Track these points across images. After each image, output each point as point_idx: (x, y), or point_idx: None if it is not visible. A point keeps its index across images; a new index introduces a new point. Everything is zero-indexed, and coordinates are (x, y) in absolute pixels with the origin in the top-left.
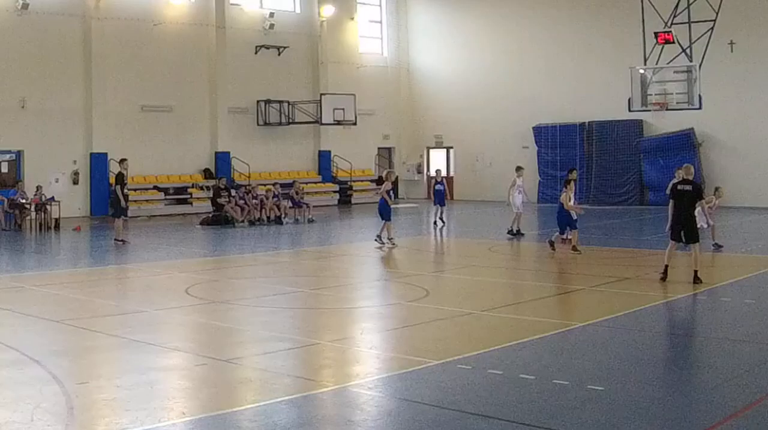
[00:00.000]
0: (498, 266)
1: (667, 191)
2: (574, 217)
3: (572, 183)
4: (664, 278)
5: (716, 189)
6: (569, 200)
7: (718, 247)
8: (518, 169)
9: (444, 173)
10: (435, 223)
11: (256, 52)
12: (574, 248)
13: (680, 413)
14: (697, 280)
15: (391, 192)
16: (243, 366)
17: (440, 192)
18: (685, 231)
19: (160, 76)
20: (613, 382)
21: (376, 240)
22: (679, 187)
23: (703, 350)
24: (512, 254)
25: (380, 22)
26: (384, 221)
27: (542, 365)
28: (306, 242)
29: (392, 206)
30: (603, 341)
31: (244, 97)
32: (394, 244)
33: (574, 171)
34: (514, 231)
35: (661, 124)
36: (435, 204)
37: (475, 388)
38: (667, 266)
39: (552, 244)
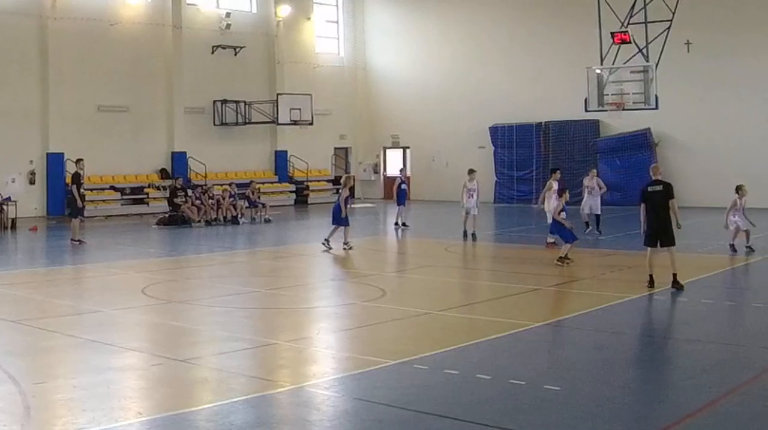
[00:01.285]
0: (454, 266)
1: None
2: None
3: (566, 192)
4: (651, 287)
5: (738, 188)
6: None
7: (750, 250)
8: (470, 172)
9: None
10: (397, 224)
11: (212, 52)
12: (561, 259)
13: (637, 413)
14: (677, 284)
15: (349, 198)
16: (199, 366)
17: (404, 192)
18: (661, 235)
19: (116, 76)
20: (569, 382)
21: (323, 244)
22: (649, 188)
23: (659, 350)
24: (469, 254)
25: (337, 22)
26: (335, 226)
27: (499, 365)
28: (262, 242)
29: (348, 210)
30: (559, 341)
31: (201, 97)
32: (350, 247)
33: (557, 171)
34: (467, 233)
35: (618, 124)
36: (399, 204)
37: (431, 388)
38: (651, 275)
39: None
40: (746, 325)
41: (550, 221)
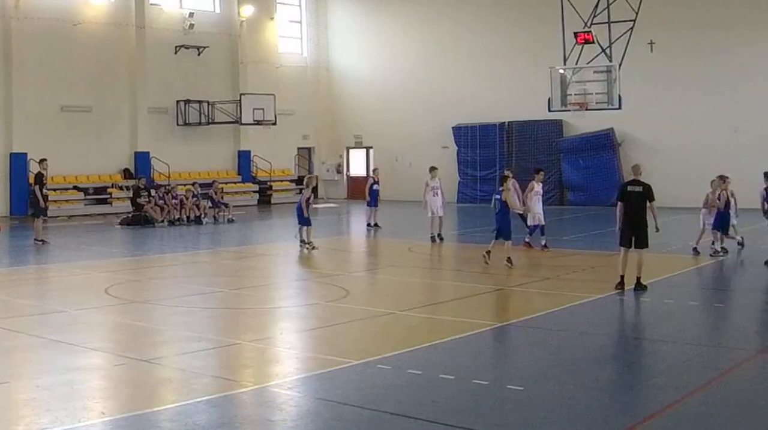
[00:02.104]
0: (418, 266)
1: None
2: (534, 222)
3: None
4: (621, 290)
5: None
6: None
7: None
8: (432, 169)
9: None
10: (369, 224)
11: (175, 52)
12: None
13: (600, 413)
14: (640, 285)
15: (311, 198)
16: (163, 366)
17: (376, 193)
18: (636, 236)
19: (80, 76)
20: (532, 382)
21: (301, 245)
22: (628, 188)
23: (623, 350)
24: (432, 254)
25: (300, 22)
26: (302, 226)
27: (462, 365)
28: (225, 242)
29: (310, 211)
30: (522, 341)
31: (164, 97)
32: (313, 247)
33: (541, 172)
34: (434, 236)
35: (581, 124)
36: (370, 206)
37: (394, 388)
38: (622, 277)
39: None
40: (709, 325)
41: (533, 222)
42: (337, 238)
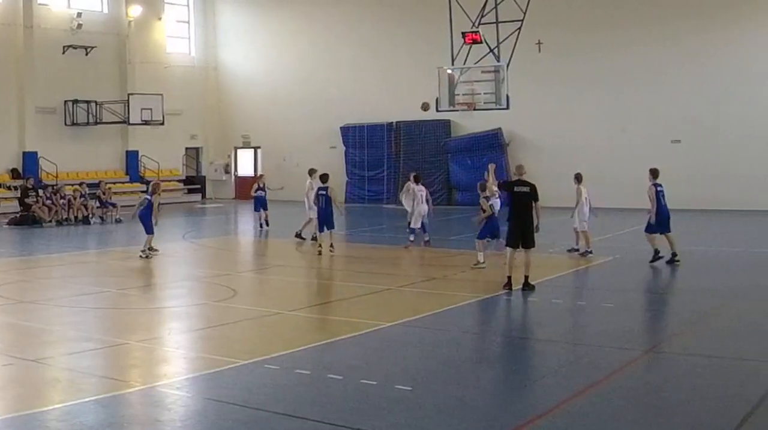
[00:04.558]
0: (305, 266)
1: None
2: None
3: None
4: (509, 290)
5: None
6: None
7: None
8: (311, 172)
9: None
10: (261, 225)
11: (63, 52)
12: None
13: (487, 414)
14: (528, 285)
15: (159, 206)
16: (50, 366)
17: (260, 199)
18: (524, 236)
19: None
20: (420, 382)
21: (141, 253)
22: (516, 188)
23: (511, 350)
24: (319, 254)
25: (188, 22)
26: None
27: (350, 365)
28: (113, 242)
29: (155, 216)
30: (411, 341)
31: (52, 97)
32: (152, 254)
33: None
34: (300, 234)
35: (469, 124)
36: (257, 210)
37: (282, 388)
38: (510, 277)
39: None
40: (596, 325)
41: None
42: (224, 238)
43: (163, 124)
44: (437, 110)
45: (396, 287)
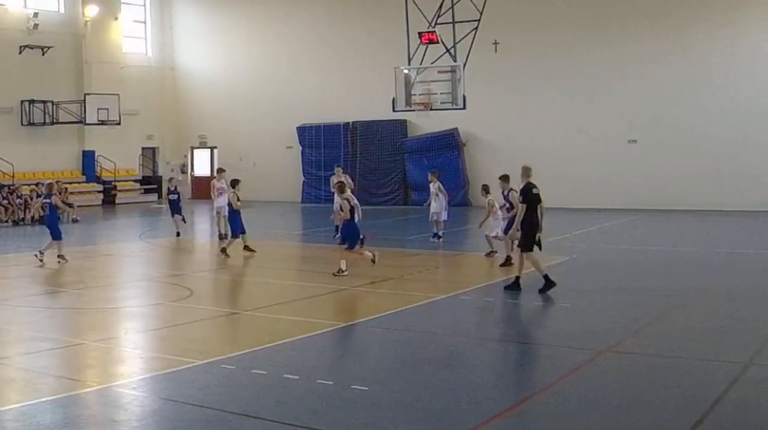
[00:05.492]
0: (261, 266)
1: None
2: None
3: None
4: (518, 289)
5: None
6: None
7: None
8: (219, 171)
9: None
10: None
11: (20, 52)
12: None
13: (445, 414)
14: (516, 286)
15: (58, 207)
16: (6, 366)
17: (174, 202)
18: (538, 238)
19: None
20: (377, 382)
21: (37, 254)
22: (534, 190)
23: (468, 350)
24: (276, 254)
25: (144, 22)
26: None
27: (307, 365)
28: (70, 242)
29: (62, 224)
30: (367, 342)
31: (8, 97)
32: (41, 261)
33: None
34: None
35: (425, 124)
36: (174, 215)
37: (238, 388)
38: (518, 277)
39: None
40: (553, 325)
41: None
42: (180, 238)
43: (119, 124)
44: (393, 110)
45: (352, 287)
